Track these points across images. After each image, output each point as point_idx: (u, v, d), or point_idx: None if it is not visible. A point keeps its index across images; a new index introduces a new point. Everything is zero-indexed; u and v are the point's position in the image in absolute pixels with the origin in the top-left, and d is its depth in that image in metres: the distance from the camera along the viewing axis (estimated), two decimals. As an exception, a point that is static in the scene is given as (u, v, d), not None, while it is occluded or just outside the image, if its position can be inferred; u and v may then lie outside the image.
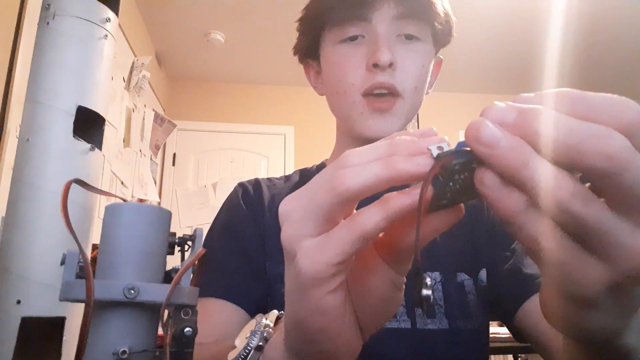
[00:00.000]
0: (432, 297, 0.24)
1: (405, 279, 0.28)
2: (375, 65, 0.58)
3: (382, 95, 0.60)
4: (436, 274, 0.60)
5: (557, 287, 0.23)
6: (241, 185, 0.72)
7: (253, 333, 0.33)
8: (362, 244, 0.23)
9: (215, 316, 0.56)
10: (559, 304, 0.24)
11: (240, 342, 0.34)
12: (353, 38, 0.61)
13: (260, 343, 0.32)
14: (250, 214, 0.66)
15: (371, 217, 0.23)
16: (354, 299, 0.28)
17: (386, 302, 0.28)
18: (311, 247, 0.24)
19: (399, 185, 0.23)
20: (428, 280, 0.24)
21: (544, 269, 0.23)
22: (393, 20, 0.60)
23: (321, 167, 0.74)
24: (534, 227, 0.21)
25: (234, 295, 0.57)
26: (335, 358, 0.28)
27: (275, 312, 0.36)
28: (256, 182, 0.72)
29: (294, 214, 0.25)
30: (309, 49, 0.70)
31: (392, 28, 0.60)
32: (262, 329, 0.33)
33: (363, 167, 0.23)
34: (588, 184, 0.21)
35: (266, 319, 0.34)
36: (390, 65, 0.58)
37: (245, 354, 0.32)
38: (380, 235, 0.27)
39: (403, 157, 0.22)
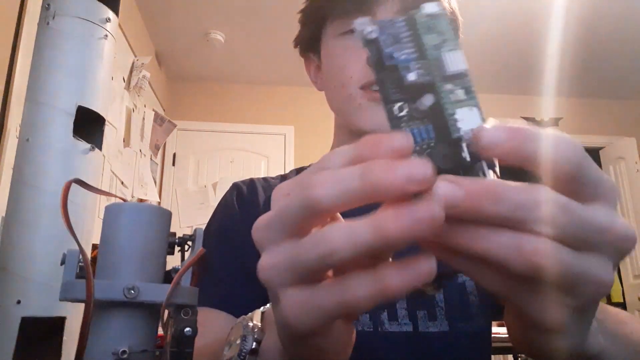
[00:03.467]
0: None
1: None
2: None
3: None
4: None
5: (521, 320, 0.24)
6: (235, 186, 0.70)
7: (244, 337, 0.32)
8: (347, 312, 0.22)
9: (210, 326, 0.54)
10: (525, 332, 0.25)
11: (228, 349, 0.33)
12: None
13: (254, 346, 0.32)
14: (245, 216, 0.64)
15: (362, 291, 0.21)
16: None
17: None
18: (295, 301, 0.22)
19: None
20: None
21: (506, 303, 0.23)
22: (397, 15, 0.58)
23: None
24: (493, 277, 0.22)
25: (229, 305, 0.56)
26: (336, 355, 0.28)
27: (258, 311, 0.35)
28: (251, 183, 0.70)
29: (270, 244, 0.23)
30: (310, 42, 0.69)
31: None
32: (253, 331, 0.32)
33: (338, 180, 0.21)
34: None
35: (252, 321, 0.33)
36: None
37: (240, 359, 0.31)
38: None
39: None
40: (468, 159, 0.21)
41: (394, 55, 0.21)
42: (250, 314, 0.35)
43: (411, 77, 0.21)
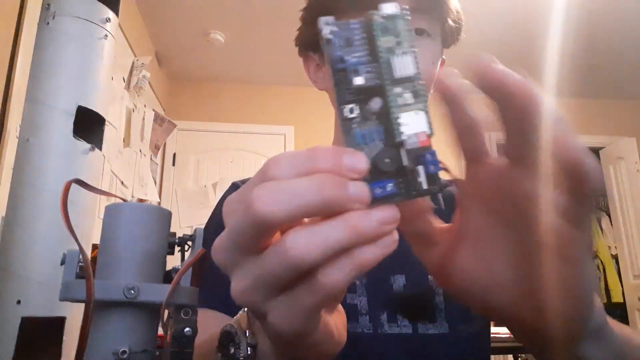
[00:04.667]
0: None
1: None
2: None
3: None
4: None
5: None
6: (235, 185, 0.69)
7: (237, 345, 0.31)
8: (330, 300, 0.22)
9: (208, 327, 0.54)
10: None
11: (220, 357, 0.33)
12: None
13: (249, 352, 0.31)
14: None
15: (339, 277, 0.21)
16: None
17: None
18: (279, 312, 0.23)
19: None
20: None
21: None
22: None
23: None
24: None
25: (227, 307, 0.55)
26: (328, 352, 0.28)
27: (243, 313, 0.34)
28: None
29: (234, 267, 0.23)
30: (311, 40, 0.68)
31: None
32: (245, 336, 0.32)
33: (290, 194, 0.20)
34: None
35: (241, 325, 0.32)
36: None
37: None
38: None
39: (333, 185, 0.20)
40: (406, 164, 0.21)
41: (345, 59, 0.22)
42: (235, 317, 0.34)
43: (358, 80, 0.21)
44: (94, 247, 0.29)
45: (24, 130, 0.48)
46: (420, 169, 0.21)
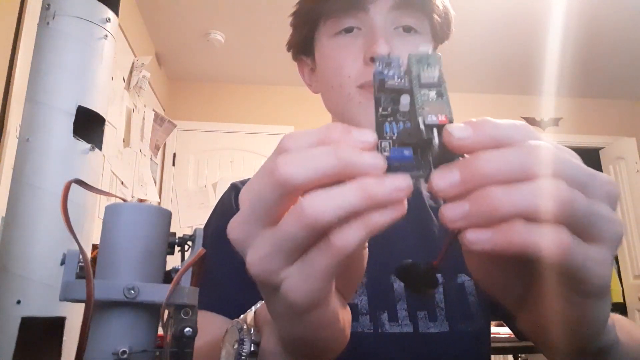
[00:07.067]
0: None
1: None
2: (373, 59, 0.56)
3: None
4: (437, 276, 0.60)
5: (567, 290, 0.24)
6: (234, 186, 0.69)
7: (241, 341, 0.32)
8: (343, 264, 0.23)
9: (207, 329, 0.53)
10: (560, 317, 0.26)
11: (225, 354, 0.33)
12: (349, 30, 0.60)
13: (253, 348, 0.31)
14: None
15: (351, 238, 0.21)
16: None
17: (358, 262, 0.29)
18: (294, 279, 0.23)
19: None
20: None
21: (545, 282, 0.24)
22: (390, 12, 0.58)
23: None
24: (531, 234, 0.21)
25: (226, 308, 0.55)
26: (333, 345, 0.28)
27: (251, 312, 0.35)
28: None
29: (251, 240, 0.24)
30: (303, 44, 0.68)
31: (390, 20, 0.59)
32: (249, 334, 0.32)
33: (309, 161, 0.22)
34: None
35: (246, 323, 0.33)
36: None
37: None
38: None
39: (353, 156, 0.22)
40: (424, 135, 0.24)
41: (383, 72, 0.27)
42: (242, 315, 0.34)
43: (391, 82, 0.26)
44: (94, 247, 0.29)
45: (24, 130, 0.48)
46: (436, 135, 0.23)
